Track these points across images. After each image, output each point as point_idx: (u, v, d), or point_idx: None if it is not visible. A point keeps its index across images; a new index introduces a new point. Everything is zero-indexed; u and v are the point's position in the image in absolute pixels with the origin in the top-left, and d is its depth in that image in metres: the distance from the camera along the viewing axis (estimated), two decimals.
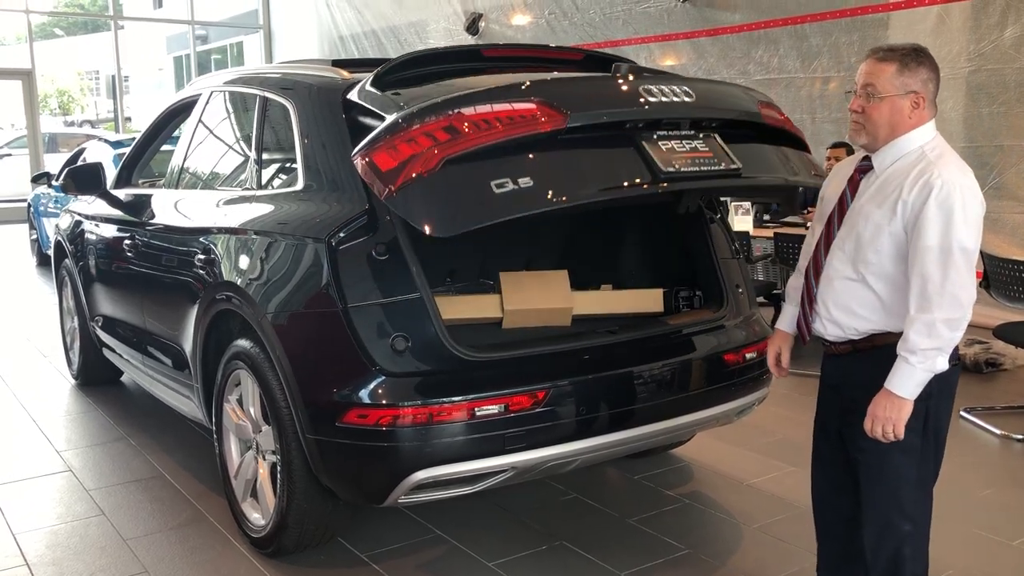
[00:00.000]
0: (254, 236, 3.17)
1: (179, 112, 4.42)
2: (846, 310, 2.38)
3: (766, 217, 6.68)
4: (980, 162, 6.87)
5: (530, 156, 2.58)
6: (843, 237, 2.38)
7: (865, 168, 2.39)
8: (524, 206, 2.52)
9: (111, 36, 16.47)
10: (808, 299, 2.50)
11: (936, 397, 2.27)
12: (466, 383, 2.73)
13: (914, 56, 2.27)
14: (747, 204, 6.37)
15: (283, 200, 3.19)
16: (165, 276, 3.84)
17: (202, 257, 3.43)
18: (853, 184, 2.42)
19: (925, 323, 2.16)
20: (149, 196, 4.29)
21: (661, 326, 3.23)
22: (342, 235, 2.79)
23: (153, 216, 4.10)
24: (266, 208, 3.25)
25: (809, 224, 6.34)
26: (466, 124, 2.53)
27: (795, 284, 2.60)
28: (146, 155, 4.77)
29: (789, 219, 6.51)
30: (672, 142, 2.77)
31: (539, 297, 3.45)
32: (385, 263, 2.77)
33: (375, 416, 2.68)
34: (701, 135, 2.86)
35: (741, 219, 6.29)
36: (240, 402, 3.29)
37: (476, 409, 2.69)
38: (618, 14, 9.82)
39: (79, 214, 5.06)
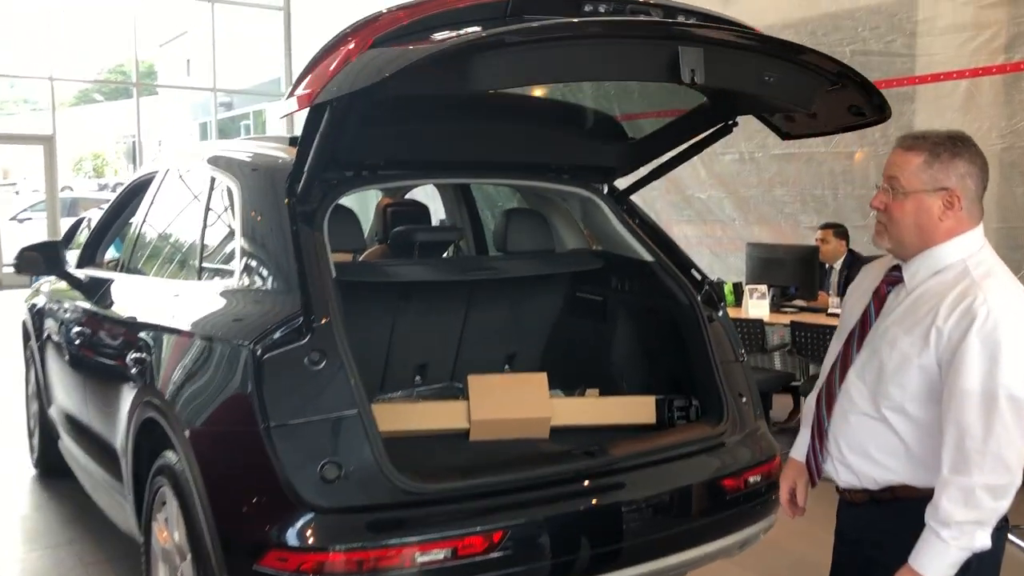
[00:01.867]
0: (183, 335, 2.80)
1: (141, 188, 4.11)
2: (862, 453, 1.95)
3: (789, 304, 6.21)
4: (1014, 244, 6.41)
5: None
6: (863, 363, 1.96)
7: (894, 280, 1.98)
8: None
9: (144, 102, 16.52)
10: (819, 432, 2.06)
11: (976, 570, 1.80)
12: (408, 521, 2.30)
13: (948, 145, 1.87)
14: (762, 288, 5.94)
15: (218, 294, 2.82)
16: (105, 370, 3.48)
17: (135, 355, 3.06)
18: (879, 298, 2.01)
19: (961, 489, 1.72)
20: (100, 280, 3.95)
21: (650, 445, 2.79)
22: (270, 340, 2.40)
23: (100, 302, 3.76)
24: (200, 302, 2.88)
25: (830, 310, 5.96)
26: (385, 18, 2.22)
27: (811, 404, 2.16)
28: (110, 233, 4.46)
29: (809, 305, 6.05)
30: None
31: (512, 404, 3.03)
32: (319, 374, 2.37)
33: (296, 561, 2.24)
34: None
35: (755, 304, 5.85)
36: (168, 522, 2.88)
37: (418, 554, 2.25)
38: (633, 86, 9.53)
39: (42, 293, 4.77)
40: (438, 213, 5.03)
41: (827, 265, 6.19)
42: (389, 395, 3.28)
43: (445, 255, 4.35)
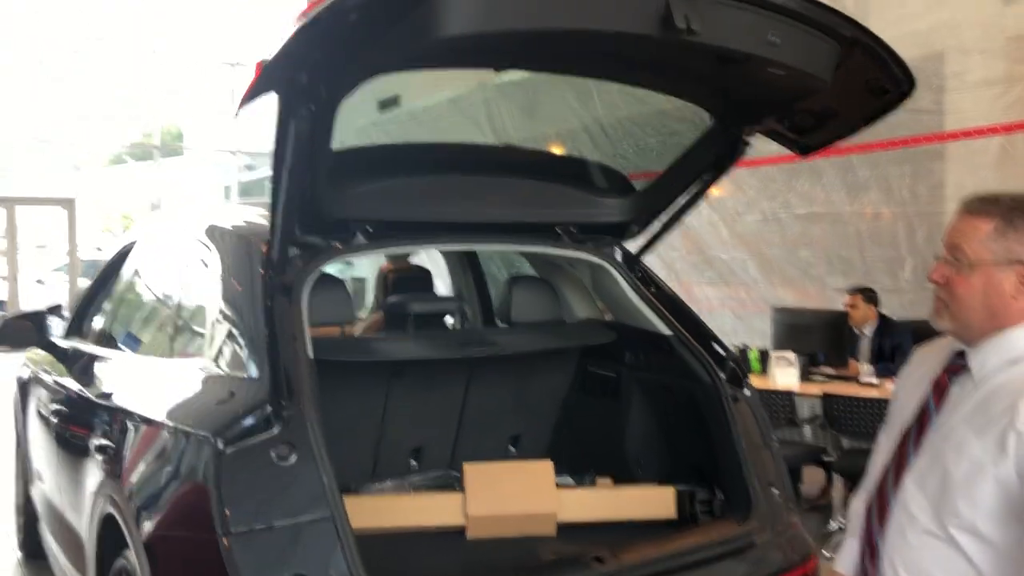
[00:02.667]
0: (146, 423, 2.52)
1: (126, 256, 3.89)
2: None
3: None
4: None
5: None
6: (923, 470, 1.65)
7: (957, 369, 1.68)
8: None
9: (171, 164, 16.57)
10: (870, 548, 1.74)
11: None
12: None
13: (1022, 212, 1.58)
14: (790, 355, 5.60)
15: (188, 376, 2.56)
16: (75, 454, 3.20)
17: (101, 441, 2.79)
18: (939, 390, 1.70)
19: None
20: (80, 353, 3.70)
21: (668, 548, 2.46)
22: (233, 431, 2.12)
23: (76, 378, 3.50)
24: (169, 385, 2.62)
25: (861, 378, 5.61)
26: None
27: (858, 510, 1.85)
28: (96, 302, 4.22)
29: (840, 374, 5.70)
30: None
31: (514, 498, 2.71)
32: (287, 471, 2.08)
33: None
34: None
35: (783, 372, 5.51)
36: None
37: None
38: (652, 145, 9.33)
39: (28, 363, 4.53)
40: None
41: (857, 331, 5.85)
42: (379, 484, 2.98)
43: (451, 323, 4.07)
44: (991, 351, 1.62)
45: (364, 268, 15.05)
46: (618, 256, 3.17)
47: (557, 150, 10.93)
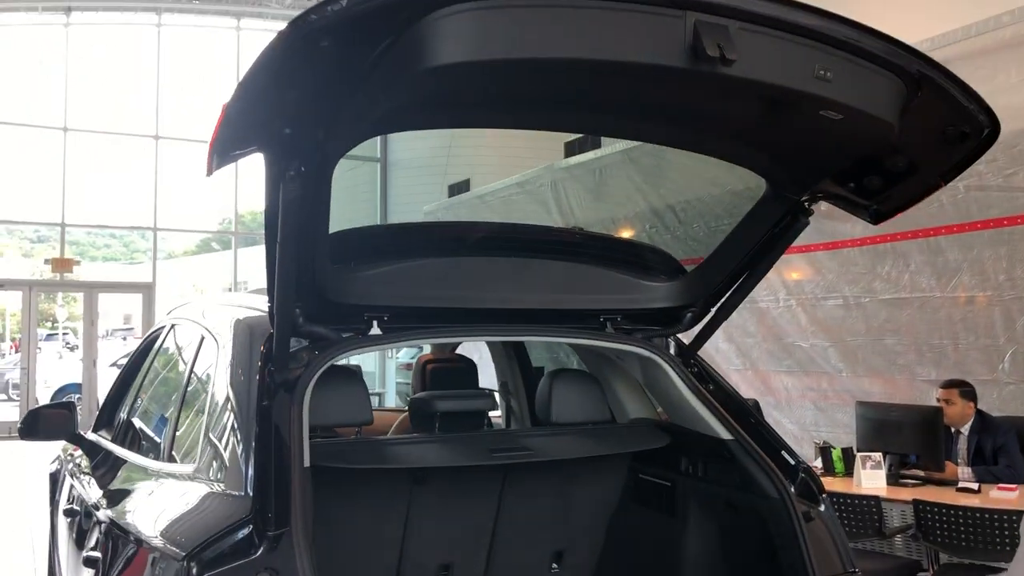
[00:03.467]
0: (130, 538, 2.26)
1: (150, 346, 3.70)
2: None
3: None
4: None
5: None
6: None
7: None
8: None
9: (248, 252, 16.83)
10: None
11: None
12: None
13: None
14: (877, 456, 5.07)
15: (177, 485, 2.29)
16: (74, 561, 2.96)
17: (90, 553, 2.53)
18: None
19: None
20: (98, 449, 3.49)
21: None
22: (211, 553, 1.83)
23: (89, 478, 3.27)
24: (159, 494, 2.36)
25: (959, 483, 5.03)
26: None
27: None
28: (122, 393, 4.04)
29: (935, 477, 5.12)
30: None
31: None
32: None
33: None
34: None
35: (869, 475, 4.98)
36: None
37: None
38: (723, 228, 8.98)
39: (61, 456, 4.36)
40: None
41: (953, 430, 5.29)
42: None
43: (496, 419, 3.75)
44: None
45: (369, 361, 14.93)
46: (671, 348, 2.82)
47: (625, 232, 10.69)
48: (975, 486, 4.77)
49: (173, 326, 3.24)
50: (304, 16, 1.44)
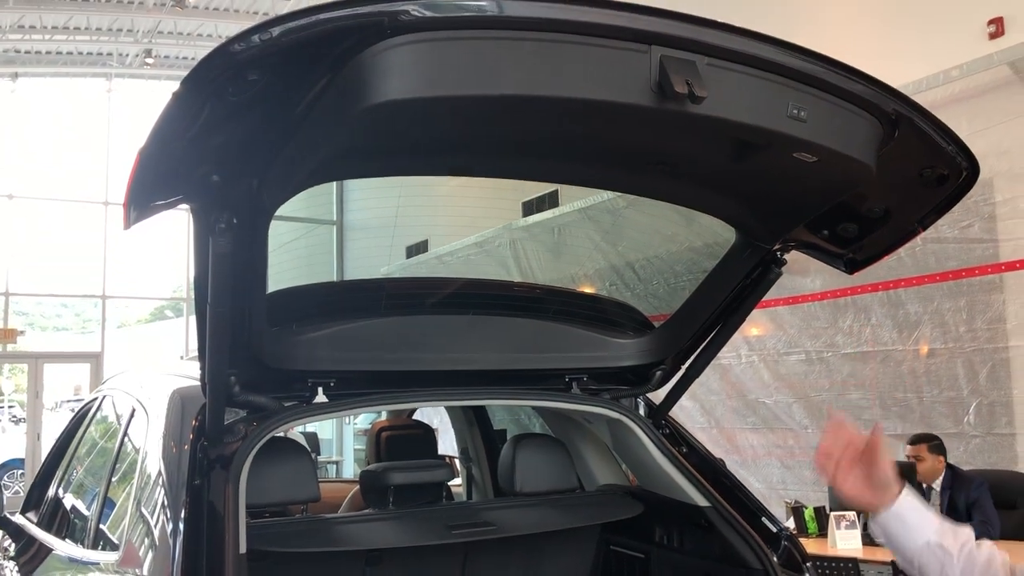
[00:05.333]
0: None
1: (81, 420, 3.45)
2: None
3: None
4: None
5: None
6: None
7: None
8: None
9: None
10: None
11: None
12: None
13: None
14: (851, 515, 4.92)
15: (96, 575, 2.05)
16: None
17: None
18: None
19: None
20: (22, 534, 3.20)
21: None
22: None
23: (14, 566, 2.99)
24: None
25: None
26: None
27: None
28: (57, 471, 3.75)
29: None
30: None
31: None
32: None
33: None
34: None
35: (844, 535, 4.83)
36: None
37: None
38: (683, 284, 8.93)
39: None
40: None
41: (924, 485, 5.17)
42: None
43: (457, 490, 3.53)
44: None
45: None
46: (641, 409, 2.66)
47: (586, 290, 10.59)
48: None
49: (106, 396, 3.00)
50: (226, 46, 1.28)
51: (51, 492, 3.20)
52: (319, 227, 17.27)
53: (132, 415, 2.45)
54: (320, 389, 2.16)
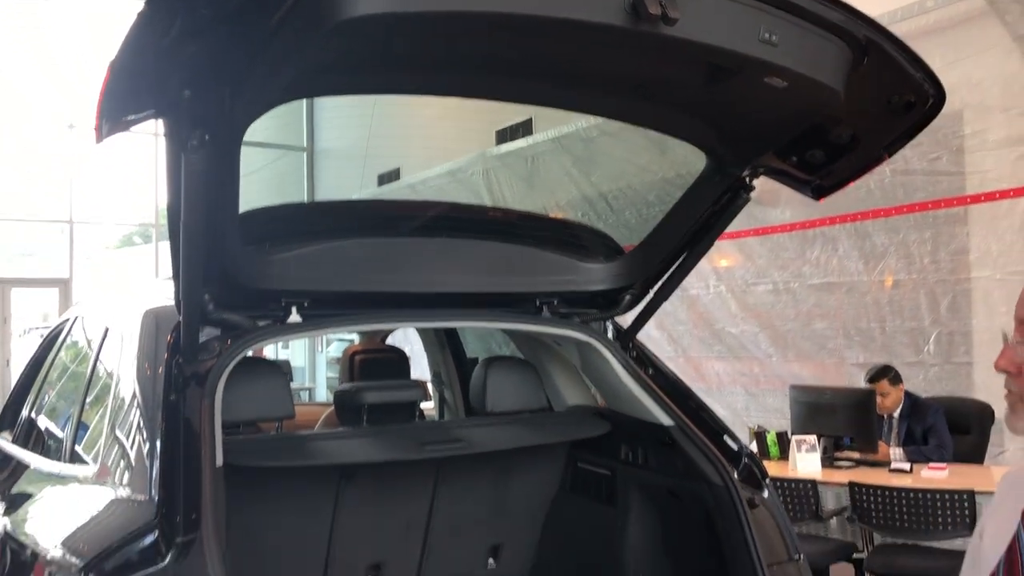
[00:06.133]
0: (21, 550, 2.06)
1: (53, 341, 3.46)
2: None
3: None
4: None
5: None
6: None
7: None
8: None
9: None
10: None
11: None
12: None
13: None
14: (811, 439, 5.08)
15: (77, 490, 2.10)
16: None
17: None
18: None
19: None
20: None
21: None
22: (112, 563, 1.66)
23: None
24: (55, 499, 2.16)
25: (894, 464, 5.07)
26: None
27: None
28: (31, 391, 3.77)
29: (868, 459, 5.16)
30: None
31: None
32: None
33: None
34: None
35: (804, 458, 4.99)
36: None
37: None
38: (655, 215, 8.96)
39: None
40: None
41: (884, 415, 5.33)
42: None
43: (430, 411, 3.60)
44: None
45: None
46: (609, 332, 2.72)
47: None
48: (907, 466, 4.82)
49: (77, 318, 3.01)
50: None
51: (25, 413, 3.22)
52: (289, 154, 17.04)
53: (105, 335, 2.47)
54: (294, 309, 2.19)
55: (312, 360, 15.46)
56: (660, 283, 2.63)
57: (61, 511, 2.07)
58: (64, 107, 15.09)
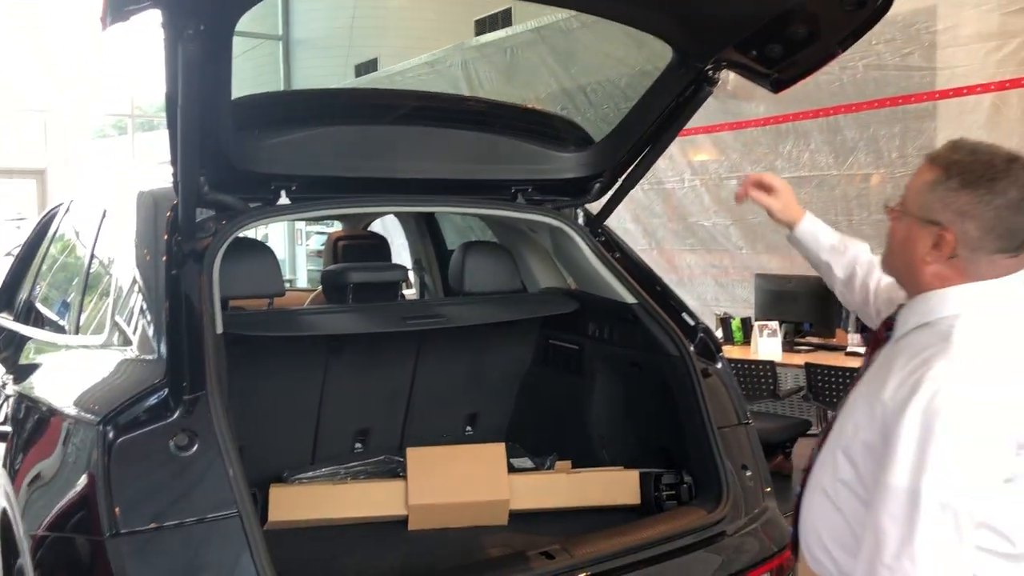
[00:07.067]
0: (41, 409, 2.25)
1: (49, 224, 3.59)
2: (817, 541, 1.58)
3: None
4: None
5: None
6: (837, 426, 1.59)
7: (890, 324, 1.58)
8: None
9: (147, 137, 16.13)
10: (795, 510, 1.68)
11: None
12: None
13: (971, 169, 1.40)
14: (773, 324, 5.34)
15: (87, 355, 2.28)
16: None
17: (2, 429, 2.51)
18: (873, 346, 1.63)
19: None
20: (2, 330, 3.41)
21: (628, 541, 2.20)
22: (125, 418, 1.85)
23: None
24: (69, 366, 2.35)
25: (848, 348, 5.36)
26: None
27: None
28: (22, 272, 3.92)
29: (826, 343, 5.44)
30: None
31: (462, 485, 2.46)
32: (188, 462, 1.82)
33: None
34: None
35: (766, 342, 5.26)
36: None
37: None
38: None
39: None
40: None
41: None
42: (313, 472, 2.71)
43: (410, 294, 3.79)
44: (911, 311, 1.51)
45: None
46: (580, 219, 2.89)
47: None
48: (862, 350, 5.09)
49: (71, 203, 3.14)
50: None
51: (24, 294, 3.37)
52: (264, 44, 16.71)
53: (104, 217, 2.61)
54: (283, 192, 2.34)
55: (292, 252, 15.59)
56: (628, 172, 2.78)
57: (73, 374, 2.25)
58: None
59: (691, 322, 2.69)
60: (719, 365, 2.67)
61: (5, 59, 15.66)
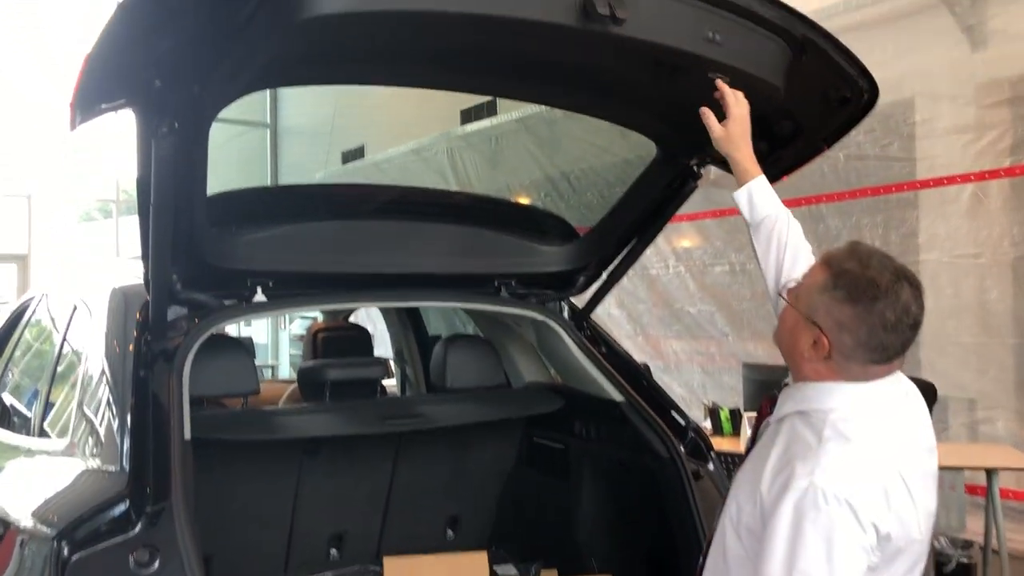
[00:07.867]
0: None
1: (20, 317, 3.49)
2: None
3: None
4: None
5: None
6: (729, 500, 1.61)
7: (775, 400, 1.65)
8: None
9: (133, 219, 16.14)
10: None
11: None
12: None
13: (857, 282, 1.45)
14: None
15: (45, 459, 2.17)
16: None
17: None
18: (760, 418, 1.71)
19: None
20: None
21: None
22: (84, 532, 1.74)
23: None
24: (25, 471, 2.23)
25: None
26: None
27: None
28: None
29: None
30: None
31: None
32: None
33: None
34: None
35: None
36: None
37: None
38: (615, 196, 9.07)
39: None
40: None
41: None
42: None
43: (391, 390, 3.69)
44: (789, 396, 1.55)
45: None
46: (564, 312, 2.83)
47: (521, 201, 10.69)
48: None
49: (44, 295, 3.06)
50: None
51: None
52: (252, 130, 16.87)
53: (74, 312, 2.52)
54: (259, 289, 2.27)
55: (275, 338, 15.42)
56: (613, 265, 2.74)
57: (32, 483, 2.13)
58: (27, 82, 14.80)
59: (681, 421, 2.61)
60: (711, 466, 2.58)
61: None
